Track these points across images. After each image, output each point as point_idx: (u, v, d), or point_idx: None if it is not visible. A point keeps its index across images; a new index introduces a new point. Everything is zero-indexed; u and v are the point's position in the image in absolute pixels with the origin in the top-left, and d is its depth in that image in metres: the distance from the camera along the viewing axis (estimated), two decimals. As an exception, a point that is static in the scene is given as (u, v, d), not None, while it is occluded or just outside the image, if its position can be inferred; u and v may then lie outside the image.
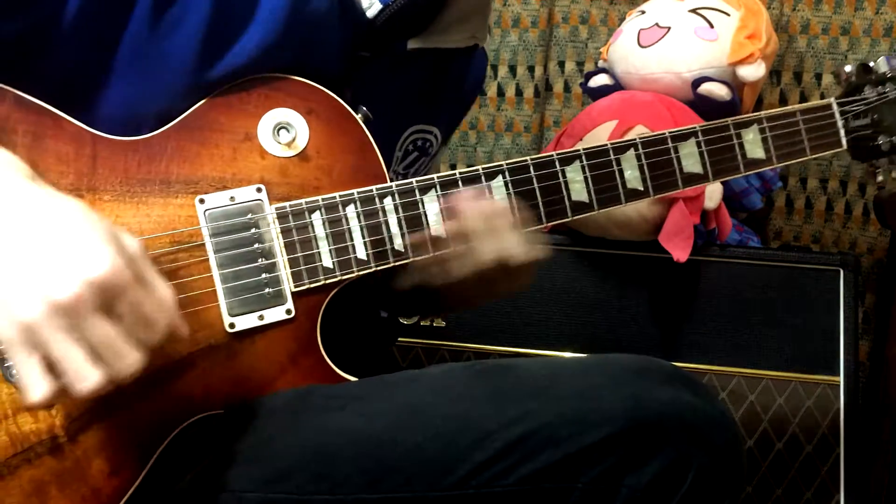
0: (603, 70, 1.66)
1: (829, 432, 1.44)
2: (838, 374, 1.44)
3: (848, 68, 1.02)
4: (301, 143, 0.86)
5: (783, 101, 1.79)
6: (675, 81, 1.53)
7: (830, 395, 1.44)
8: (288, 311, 0.84)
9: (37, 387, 0.64)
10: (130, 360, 0.66)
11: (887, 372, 1.64)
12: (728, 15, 1.54)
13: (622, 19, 1.73)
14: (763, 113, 0.96)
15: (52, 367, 0.65)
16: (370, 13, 0.92)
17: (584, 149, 0.90)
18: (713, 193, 1.42)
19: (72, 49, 0.79)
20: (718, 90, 1.50)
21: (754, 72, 1.52)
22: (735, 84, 1.52)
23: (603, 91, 1.62)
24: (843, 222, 1.82)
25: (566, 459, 0.75)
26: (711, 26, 1.53)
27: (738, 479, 0.79)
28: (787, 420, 1.44)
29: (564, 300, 1.50)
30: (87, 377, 0.64)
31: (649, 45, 1.55)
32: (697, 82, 1.51)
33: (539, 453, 0.76)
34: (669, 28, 1.55)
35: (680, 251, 1.36)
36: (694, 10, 1.55)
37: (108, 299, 0.65)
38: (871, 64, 1.02)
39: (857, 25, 1.72)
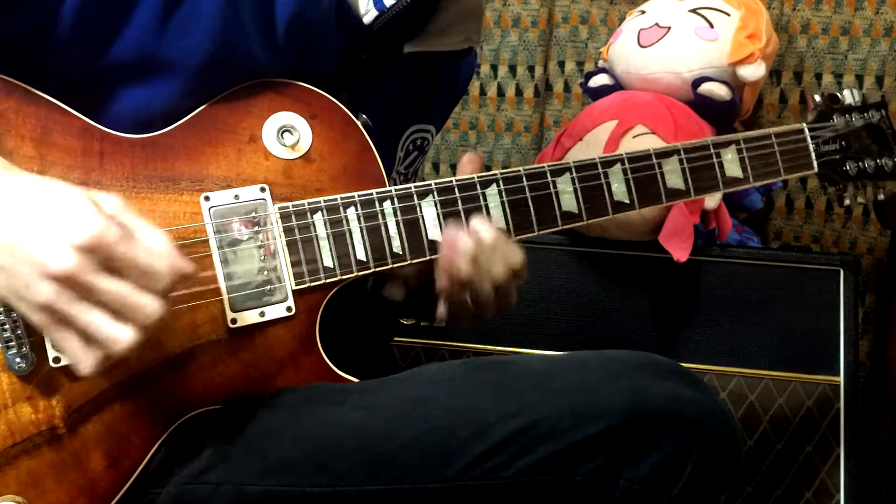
0: (603, 70, 1.66)
1: (829, 432, 1.44)
2: (838, 374, 1.43)
3: (817, 97, 1.08)
4: (304, 145, 0.88)
5: (783, 101, 1.79)
6: (675, 81, 1.53)
7: (830, 395, 1.44)
8: (289, 309, 0.85)
9: (84, 361, 0.68)
10: (150, 309, 0.68)
11: (887, 372, 1.65)
12: (728, 15, 1.55)
13: (622, 19, 1.73)
14: (741, 134, 1.01)
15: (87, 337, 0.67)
16: (366, 19, 0.93)
17: (573, 162, 0.94)
18: (713, 194, 1.42)
19: (72, 52, 0.80)
20: (718, 90, 1.50)
21: (754, 72, 1.52)
22: (735, 84, 1.53)
23: (603, 91, 1.62)
24: (843, 222, 1.82)
25: (564, 452, 0.76)
26: (711, 26, 1.53)
27: (736, 473, 0.80)
28: (787, 420, 1.44)
29: (564, 300, 1.50)
30: (117, 337, 0.67)
31: (649, 45, 1.55)
32: (697, 82, 1.51)
33: (537, 446, 0.76)
34: (669, 28, 1.55)
35: (680, 251, 1.37)
36: (694, 10, 1.56)
37: (103, 258, 0.67)
38: (839, 95, 1.08)
39: (857, 25, 1.73)
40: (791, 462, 1.45)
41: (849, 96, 1.07)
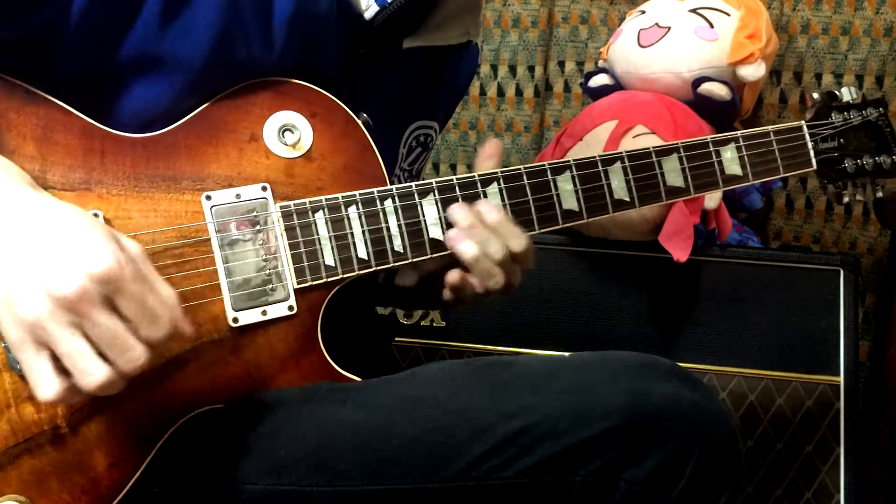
0: (603, 70, 1.66)
1: (829, 432, 1.44)
2: (838, 374, 1.44)
3: (815, 95, 1.08)
4: (305, 144, 0.88)
5: (783, 101, 1.80)
6: (675, 81, 1.53)
7: (830, 395, 1.44)
8: (290, 308, 0.85)
9: (46, 385, 0.66)
10: (136, 354, 0.67)
11: (887, 372, 1.65)
12: (728, 15, 1.55)
13: (622, 19, 1.74)
14: (740, 132, 1.01)
15: (60, 365, 0.66)
16: (368, 15, 0.93)
17: (574, 160, 0.94)
18: (713, 193, 1.42)
19: (78, 53, 0.80)
20: (718, 90, 1.50)
21: (754, 72, 1.52)
22: (735, 84, 1.53)
23: (603, 91, 1.62)
24: (843, 222, 1.82)
25: (565, 453, 0.76)
26: (711, 26, 1.53)
27: (736, 474, 0.80)
28: (787, 420, 1.45)
29: (564, 300, 1.50)
30: (93, 372, 0.66)
31: (649, 45, 1.55)
32: (697, 82, 1.51)
33: (538, 446, 0.76)
34: (669, 28, 1.55)
35: (680, 251, 1.37)
36: (694, 10, 1.56)
37: (110, 293, 0.66)
38: (836, 93, 1.08)
39: (857, 25, 1.73)
40: (791, 462, 1.45)
41: (847, 94, 1.07)
